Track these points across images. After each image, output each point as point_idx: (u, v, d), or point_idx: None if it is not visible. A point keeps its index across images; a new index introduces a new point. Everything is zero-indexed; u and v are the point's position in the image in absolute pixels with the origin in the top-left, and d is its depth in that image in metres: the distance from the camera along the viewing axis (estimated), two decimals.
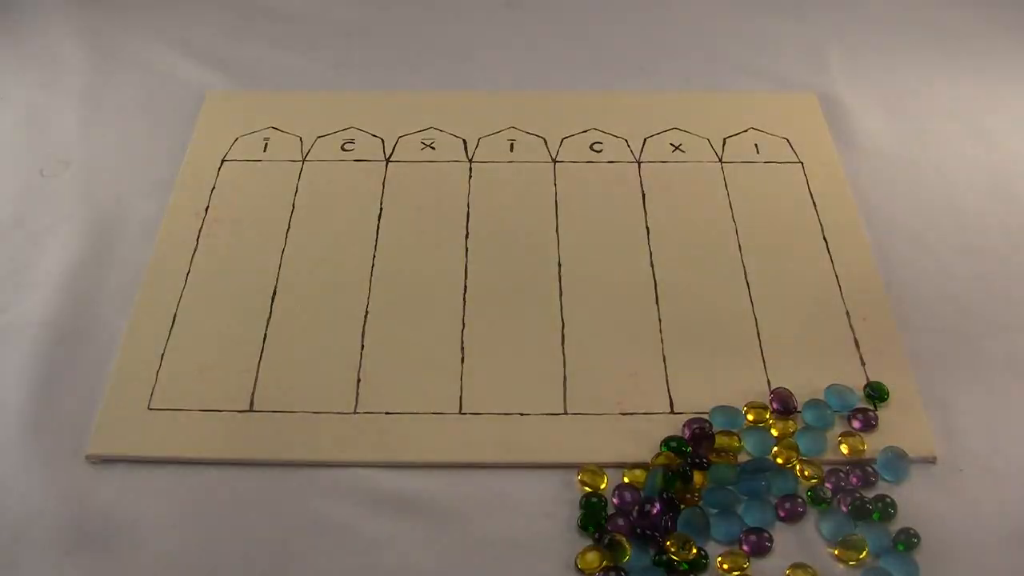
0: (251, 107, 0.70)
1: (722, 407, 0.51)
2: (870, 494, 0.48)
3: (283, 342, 0.55)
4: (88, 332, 0.56)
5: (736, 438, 0.50)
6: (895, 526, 0.47)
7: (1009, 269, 0.59)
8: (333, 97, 0.71)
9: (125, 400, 0.52)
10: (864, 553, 0.46)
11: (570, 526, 0.47)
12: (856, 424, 0.50)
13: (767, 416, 0.50)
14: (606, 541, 0.46)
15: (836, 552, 0.46)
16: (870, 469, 0.49)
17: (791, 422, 0.50)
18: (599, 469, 0.49)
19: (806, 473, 0.48)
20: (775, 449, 0.49)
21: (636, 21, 0.79)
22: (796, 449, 0.49)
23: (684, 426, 0.50)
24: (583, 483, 0.49)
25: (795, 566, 0.45)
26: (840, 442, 0.50)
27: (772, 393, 0.51)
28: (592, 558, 0.45)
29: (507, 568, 0.46)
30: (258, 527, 0.48)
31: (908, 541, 0.46)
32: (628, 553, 0.46)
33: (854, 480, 0.48)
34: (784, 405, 0.51)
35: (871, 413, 0.51)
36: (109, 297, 0.58)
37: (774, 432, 0.50)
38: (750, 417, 0.51)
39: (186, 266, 0.59)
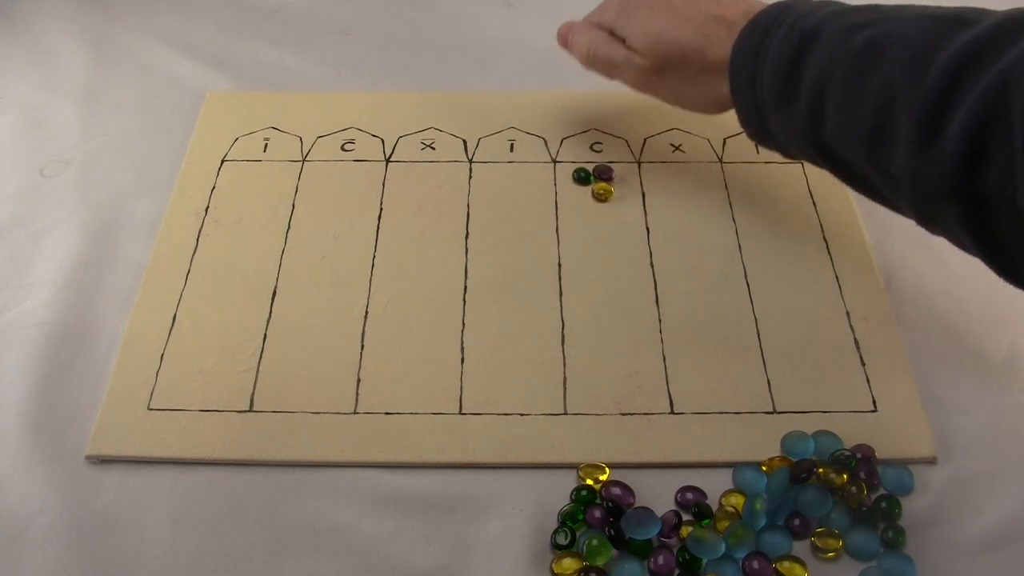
0: (251, 107, 0.70)
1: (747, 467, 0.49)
2: (873, 494, 0.48)
3: (283, 342, 0.55)
4: (88, 332, 0.56)
5: (709, 530, 0.47)
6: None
7: None
8: (333, 97, 0.71)
9: (125, 400, 0.52)
10: (841, 543, 0.46)
11: None
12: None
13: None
14: (583, 540, 0.46)
15: (816, 542, 0.46)
16: (873, 470, 0.49)
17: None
18: (600, 464, 0.49)
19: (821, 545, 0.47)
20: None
21: None
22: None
23: (678, 493, 0.49)
24: (582, 477, 0.49)
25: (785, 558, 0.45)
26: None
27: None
28: (568, 563, 0.45)
29: (507, 568, 0.46)
30: (258, 527, 0.48)
31: (896, 538, 0.46)
32: (607, 554, 0.46)
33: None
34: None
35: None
36: (109, 297, 0.58)
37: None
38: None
39: (186, 266, 0.59)
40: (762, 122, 0.52)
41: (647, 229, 0.61)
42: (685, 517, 0.47)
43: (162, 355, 0.54)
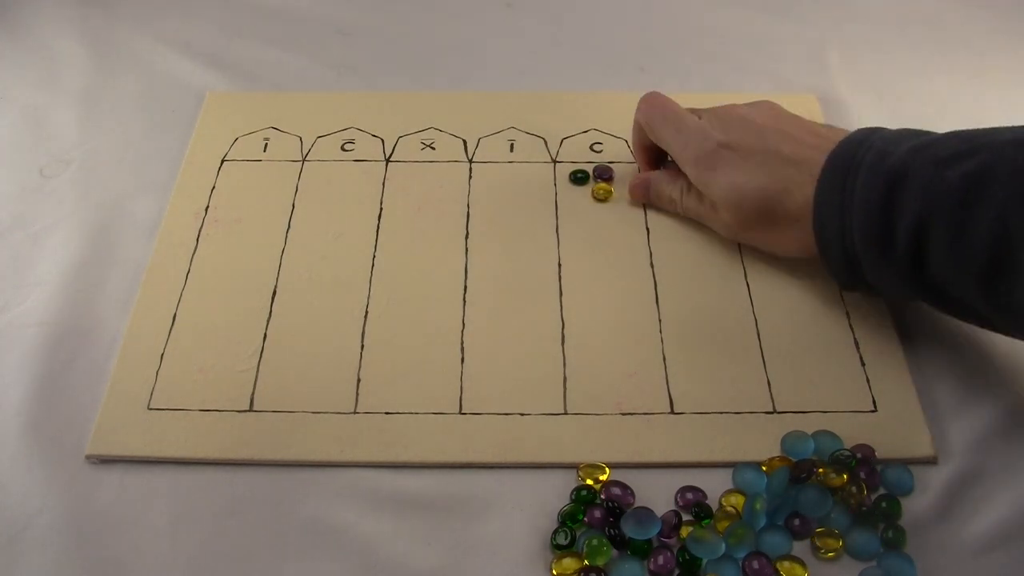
0: (251, 107, 0.70)
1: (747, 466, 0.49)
2: (873, 494, 0.48)
3: (283, 342, 0.55)
4: (88, 332, 0.56)
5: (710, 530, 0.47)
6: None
7: None
8: (333, 97, 0.71)
9: (125, 400, 0.52)
10: (841, 543, 0.46)
11: None
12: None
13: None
14: (583, 541, 0.46)
15: (816, 542, 0.46)
16: (874, 470, 0.49)
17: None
18: (600, 464, 0.49)
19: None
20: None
21: (636, 21, 0.79)
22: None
23: (678, 493, 0.49)
24: (582, 477, 0.49)
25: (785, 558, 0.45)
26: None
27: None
28: (568, 563, 0.45)
29: (507, 568, 0.46)
30: (258, 527, 0.48)
31: (896, 538, 0.46)
32: (607, 554, 0.46)
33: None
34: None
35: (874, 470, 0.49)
36: (109, 297, 0.58)
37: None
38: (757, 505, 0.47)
39: (186, 266, 0.59)
40: (855, 273, 0.50)
41: (647, 229, 0.61)
42: (685, 517, 0.47)
43: (162, 355, 0.54)
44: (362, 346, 0.55)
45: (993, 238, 0.43)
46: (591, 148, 0.66)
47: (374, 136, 0.67)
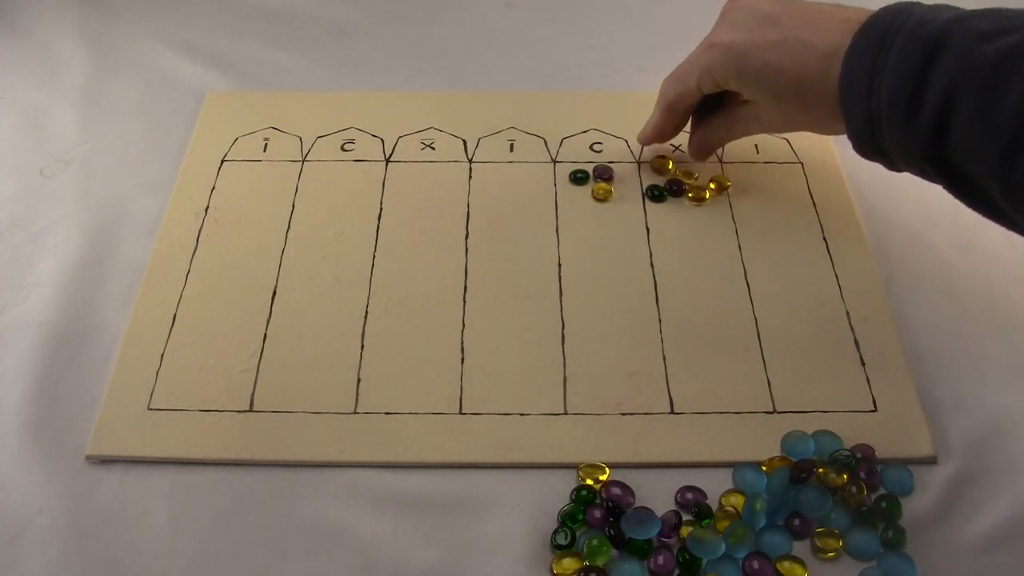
0: (251, 107, 0.70)
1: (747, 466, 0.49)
2: (873, 494, 0.48)
3: (283, 342, 0.55)
4: (88, 332, 0.56)
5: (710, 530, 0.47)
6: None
7: (1009, 269, 0.59)
8: (333, 97, 0.71)
9: (125, 400, 0.52)
10: (841, 543, 0.46)
11: None
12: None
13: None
14: (583, 541, 0.46)
15: (816, 542, 0.46)
16: (873, 470, 0.49)
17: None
18: (600, 464, 0.49)
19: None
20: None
21: (635, 21, 0.79)
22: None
23: (678, 492, 0.49)
24: (582, 477, 0.49)
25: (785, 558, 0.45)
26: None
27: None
28: (568, 563, 0.45)
29: (507, 568, 0.46)
30: (258, 527, 0.48)
31: (896, 538, 0.46)
32: (607, 554, 0.46)
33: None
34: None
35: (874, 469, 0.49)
36: (109, 297, 0.58)
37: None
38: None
39: (186, 266, 0.59)
40: (873, 135, 0.49)
41: (647, 229, 0.61)
42: (685, 517, 0.47)
43: (162, 355, 0.54)
44: (362, 346, 0.55)
45: (1019, 114, 0.42)
46: (591, 148, 0.66)
47: (374, 136, 0.67)
